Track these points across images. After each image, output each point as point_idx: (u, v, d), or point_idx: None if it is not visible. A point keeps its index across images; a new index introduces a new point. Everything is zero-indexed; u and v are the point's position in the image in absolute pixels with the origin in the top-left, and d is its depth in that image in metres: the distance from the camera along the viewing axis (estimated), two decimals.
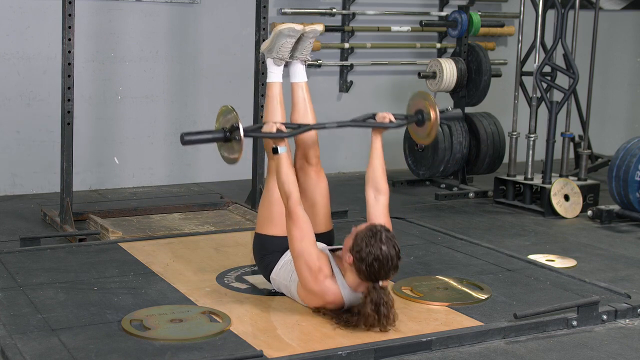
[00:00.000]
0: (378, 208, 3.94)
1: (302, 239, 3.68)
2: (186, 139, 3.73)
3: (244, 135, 3.71)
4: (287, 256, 3.95)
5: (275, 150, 3.79)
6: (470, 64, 6.80)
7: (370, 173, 4.00)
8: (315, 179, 4.14)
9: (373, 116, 4.11)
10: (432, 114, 4.13)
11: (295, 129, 3.94)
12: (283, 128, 3.82)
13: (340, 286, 3.67)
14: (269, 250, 4.01)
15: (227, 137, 3.77)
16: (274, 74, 4.22)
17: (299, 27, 4.12)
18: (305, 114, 4.23)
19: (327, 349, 3.43)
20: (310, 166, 4.15)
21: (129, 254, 4.66)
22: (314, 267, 3.66)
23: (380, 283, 3.60)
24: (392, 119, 4.06)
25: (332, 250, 3.85)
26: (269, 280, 4.06)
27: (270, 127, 3.81)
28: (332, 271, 3.69)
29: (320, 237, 3.96)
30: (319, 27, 4.20)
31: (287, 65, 4.26)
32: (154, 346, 3.42)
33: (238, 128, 3.71)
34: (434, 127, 4.15)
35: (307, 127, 4.01)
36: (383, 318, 3.57)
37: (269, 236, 4.02)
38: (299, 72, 4.28)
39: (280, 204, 3.91)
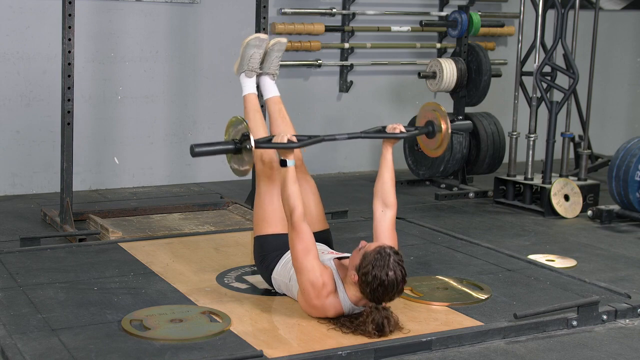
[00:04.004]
0: (384, 223, 3.90)
1: (305, 254, 3.64)
2: (196, 151, 3.68)
3: (255, 146, 3.68)
4: (287, 255, 3.95)
5: (283, 163, 3.72)
6: (470, 64, 6.80)
7: (379, 185, 3.96)
8: (302, 180, 4.11)
9: (383, 128, 4.08)
10: (443, 126, 4.09)
11: (306, 140, 3.86)
12: (294, 139, 3.78)
13: (342, 300, 3.65)
14: (267, 249, 4.01)
15: (237, 147, 3.73)
16: (248, 86, 4.36)
17: (264, 35, 4.30)
18: (285, 126, 4.29)
19: (327, 349, 3.43)
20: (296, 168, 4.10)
21: (129, 254, 4.66)
22: (317, 283, 3.63)
23: (383, 304, 3.59)
24: (403, 129, 4.02)
25: (338, 258, 3.81)
26: (271, 282, 4.05)
27: (281, 138, 3.77)
28: (335, 285, 3.66)
29: (316, 236, 3.93)
30: (283, 40, 4.35)
31: (257, 81, 4.39)
32: (154, 346, 3.42)
33: (249, 137, 3.68)
34: (445, 139, 4.11)
35: (318, 139, 3.92)
36: (384, 334, 3.55)
37: (266, 235, 4.02)
38: (270, 87, 4.41)
39: (272, 203, 3.97)
